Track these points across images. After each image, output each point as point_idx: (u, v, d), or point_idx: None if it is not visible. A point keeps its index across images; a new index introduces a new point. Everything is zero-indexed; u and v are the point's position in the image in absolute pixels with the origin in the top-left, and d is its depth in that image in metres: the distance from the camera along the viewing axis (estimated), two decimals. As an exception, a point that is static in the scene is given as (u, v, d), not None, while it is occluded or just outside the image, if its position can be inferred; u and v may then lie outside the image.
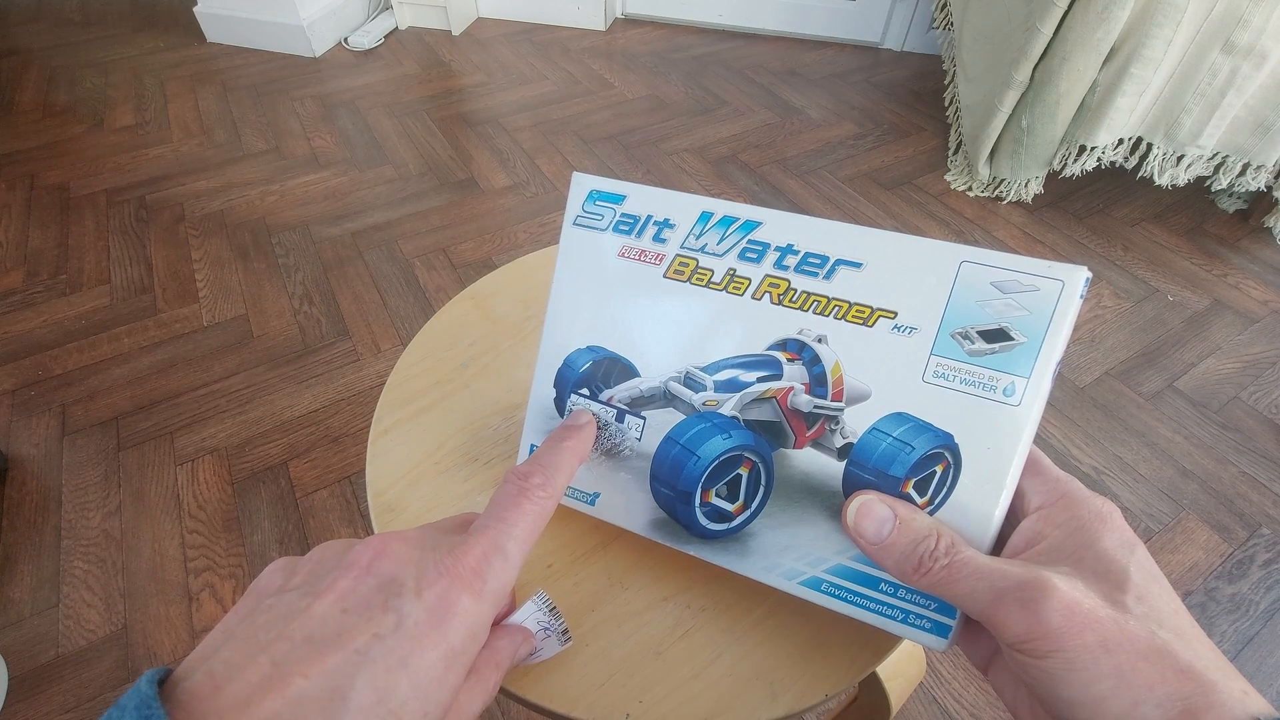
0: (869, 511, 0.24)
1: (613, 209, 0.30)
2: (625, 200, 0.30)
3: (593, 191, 0.30)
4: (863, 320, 0.26)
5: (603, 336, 0.30)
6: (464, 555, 0.21)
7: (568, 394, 0.31)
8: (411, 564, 0.21)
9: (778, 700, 0.28)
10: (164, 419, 1.05)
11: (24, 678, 0.79)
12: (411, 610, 0.20)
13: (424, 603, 0.20)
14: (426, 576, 0.21)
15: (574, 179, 0.31)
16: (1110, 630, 0.19)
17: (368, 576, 0.20)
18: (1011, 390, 0.24)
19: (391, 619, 0.19)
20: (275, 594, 0.21)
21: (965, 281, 0.25)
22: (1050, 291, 0.24)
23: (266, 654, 0.18)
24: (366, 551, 0.21)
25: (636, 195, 0.30)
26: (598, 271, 0.30)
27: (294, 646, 0.18)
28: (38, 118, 1.73)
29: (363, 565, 0.21)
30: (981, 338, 0.24)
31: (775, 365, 0.27)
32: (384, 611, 0.19)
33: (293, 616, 0.19)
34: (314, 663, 0.18)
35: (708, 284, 0.28)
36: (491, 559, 0.22)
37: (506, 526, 0.23)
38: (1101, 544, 0.22)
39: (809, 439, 0.27)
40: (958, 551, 0.23)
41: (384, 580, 0.20)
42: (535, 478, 0.25)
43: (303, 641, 0.18)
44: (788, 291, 0.27)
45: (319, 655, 0.18)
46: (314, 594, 0.20)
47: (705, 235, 0.29)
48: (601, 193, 0.30)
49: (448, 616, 0.20)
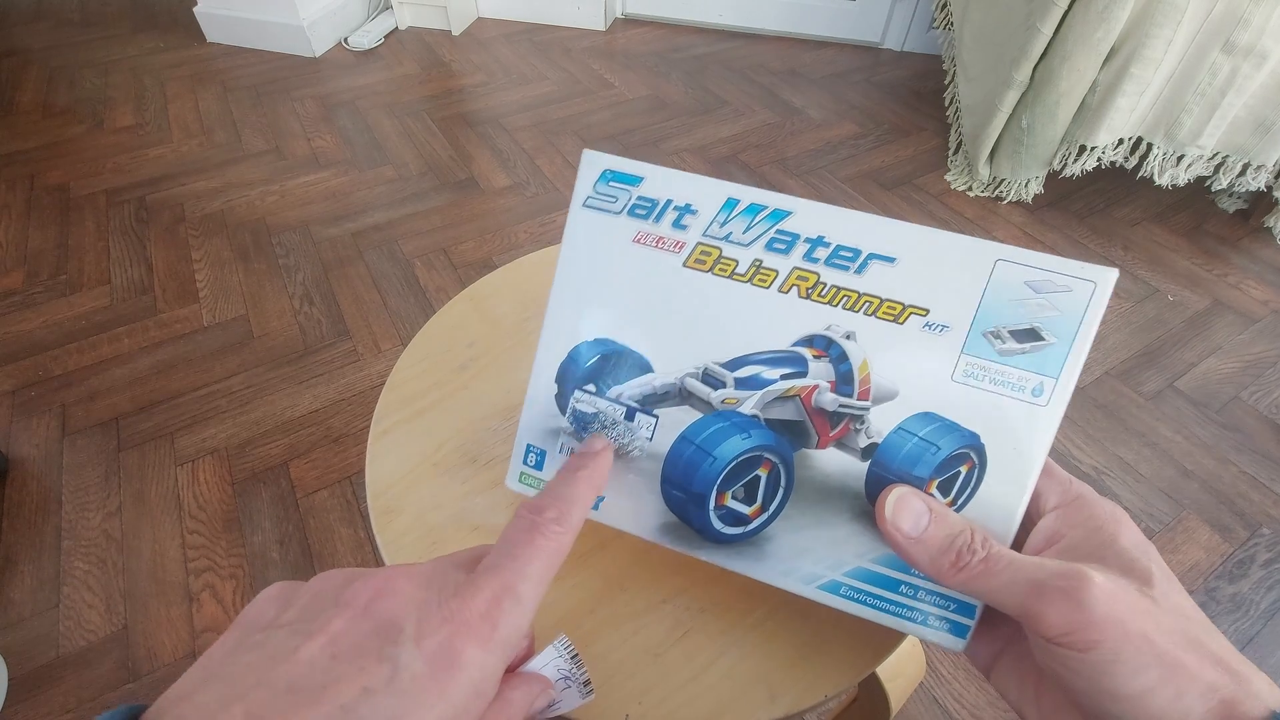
0: (906, 505, 0.24)
1: (628, 191, 0.28)
2: (643, 182, 0.28)
3: (606, 171, 0.28)
4: (894, 317, 0.25)
5: (613, 328, 0.28)
6: (472, 598, 0.19)
7: (570, 390, 0.29)
8: (414, 606, 0.19)
9: (777, 701, 0.28)
10: (164, 419, 1.05)
11: (24, 678, 0.79)
12: (409, 661, 0.18)
13: (424, 652, 0.18)
14: (429, 622, 0.18)
15: (585, 156, 0.28)
16: (1150, 622, 0.19)
17: (364, 619, 0.18)
18: (1040, 391, 0.24)
19: (386, 670, 0.17)
20: (265, 629, 0.19)
21: (999, 280, 0.24)
22: (1082, 292, 0.23)
23: (242, 703, 0.16)
24: (367, 589, 0.19)
25: (655, 177, 0.27)
26: (609, 258, 0.28)
27: (274, 696, 0.17)
28: (38, 118, 1.73)
29: (360, 605, 0.19)
30: (1013, 337, 0.24)
31: (800, 362, 0.26)
32: (378, 661, 0.18)
33: (279, 660, 0.17)
34: (292, 717, 0.16)
35: (731, 275, 0.27)
36: (503, 602, 0.20)
37: (519, 565, 0.21)
38: (1120, 543, 0.22)
39: (832, 439, 0.26)
40: (992, 545, 0.22)
41: (381, 623, 0.18)
42: (549, 511, 0.22)
43: (284, 690, 0.17)
44: (816, 285, 0.26)
45: (299, 709, 0.16)
46: (305, 634, 0.18)
47: (730, 223, 0.27)
48: (617, 173, 0.28)
49: (451, 670, 0.18)
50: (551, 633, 0.31)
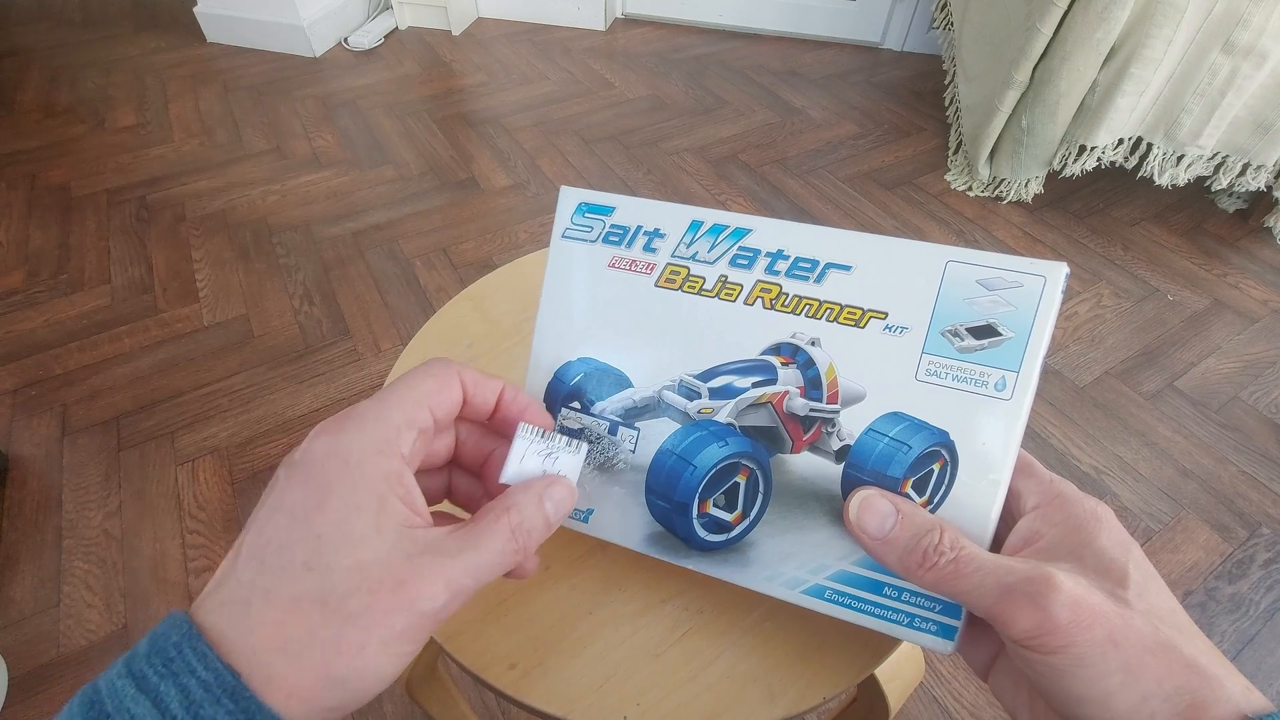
0: (871, 506, 0.24)
1: (602, 220, 0.30)
2: (615, 211, 0.30)
3: (581, 204, 0.30)
4: (855, 322, 0.26)
5: (594, 348, 0.30)
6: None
7: (558, 408, 0.30)
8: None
9: (776, 702, 0.28)
10: (165, 419, 1.05)
11: (24, 678, 0.79)
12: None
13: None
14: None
15: (561, 192, 0.31)
16: (1117, 625, 0.19)
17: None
18: (1003, 385, 0.24)
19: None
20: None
21: (952, 280, 0.25)
22: (1033, 287, 0.24)
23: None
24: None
25: (625, 206, 0.30)
26: (588, 283, 0.30)
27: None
28: (39, 118, 1.73)
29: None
30: (970, 334, 0.25)
31: (770, 370, 0.27)
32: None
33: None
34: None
35: (699, 291, 0.28)
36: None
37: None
38: (1099, 542, 0.22)
39: (806, 443, 0.27)
40: (962, 546, 0.22)
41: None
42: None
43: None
44: (779, 296, 0.27)
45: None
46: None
47: (695, 244, 0.29)
48: (590, 205, 0.30)
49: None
50: (552, 633, 0.31)
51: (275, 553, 0.19)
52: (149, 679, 0.17)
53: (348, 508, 0.20)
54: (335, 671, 0.18)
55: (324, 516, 0.20)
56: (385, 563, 0.20)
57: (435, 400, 0.24)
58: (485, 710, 0.76)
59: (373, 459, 0.21)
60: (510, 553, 0.22)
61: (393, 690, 0.77)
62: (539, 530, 0.23)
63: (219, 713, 0.17)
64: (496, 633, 0.31)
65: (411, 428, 0.22)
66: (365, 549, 0.19)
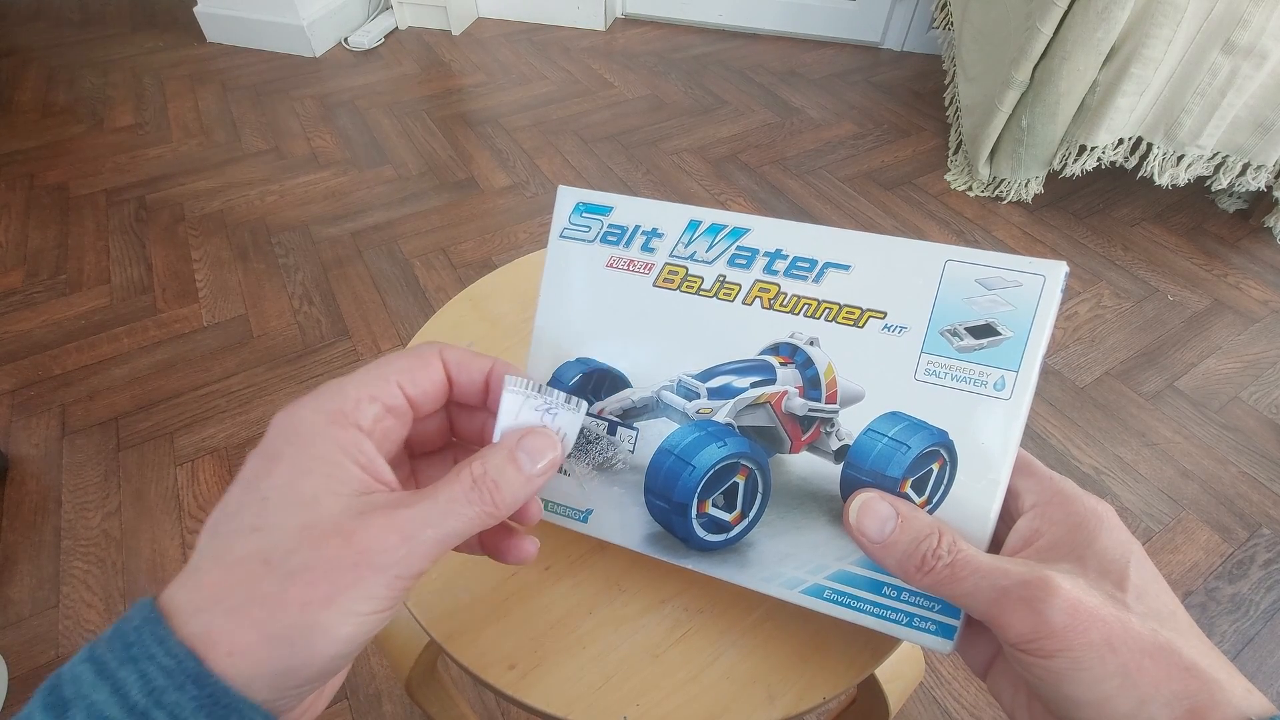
0: (871, 509, 0.24)
1: (600, 220, 0.30)
2: (612, 211, 0.30)
3: (579, 204, 0.30)
4: (853, 321, 0.26)
5: (593, 348, 0.30)
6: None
7: None
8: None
9: (776, 703, 0.28)
10: (164, 419, 1.05)
11: (24, 678, 0.79)
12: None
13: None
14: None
15: (559, 192, 0.31)
16: (1114, 629, 0.19)
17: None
18: (1002, 384, 0.24)
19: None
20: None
21: (950, 279, 0.25)
22: (1033, 286, 0.24)
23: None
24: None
25: (623, 206, 0.30)
26: (586, 283, 0.30)
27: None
28: (37, 117, 1.73)
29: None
30: (969, 334, 0.25)
31: (768, 370, 0.27)
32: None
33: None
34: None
35: (698, 291, 0.28)
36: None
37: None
38: (1100, 542, 0.22)
39: (805, 443, 0.27)
40: (960, 550, 0.22)
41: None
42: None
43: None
44: (778, 296, 0.27)
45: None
46: None
47: (694, 243, 0.29)
48: (588, 205, 0.30)
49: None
50: (552, 634, 0.31)
51: (226, 520, 0.19)
52: (108, 664, 0.17)
53: (295, 471, 0.20)
54: (277, 629, 0.18)
55: (270, 480, 0.20)
56: (335, 520, 0.19)
57: (407, 378, 0.23)
58: (485, 710, 0.76)
59: (324, 428, 0.21)
60: (473, 501, 0.21)
61: (392, 690, 0.77)
62: (513, 483, 0.22)
63: (183, 699, 0.17)
64: (496, 633, 0.31)
65: (374, 402, 0.22)
66: (314, 509, 0.19)
